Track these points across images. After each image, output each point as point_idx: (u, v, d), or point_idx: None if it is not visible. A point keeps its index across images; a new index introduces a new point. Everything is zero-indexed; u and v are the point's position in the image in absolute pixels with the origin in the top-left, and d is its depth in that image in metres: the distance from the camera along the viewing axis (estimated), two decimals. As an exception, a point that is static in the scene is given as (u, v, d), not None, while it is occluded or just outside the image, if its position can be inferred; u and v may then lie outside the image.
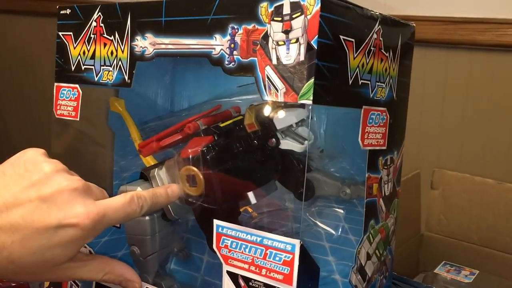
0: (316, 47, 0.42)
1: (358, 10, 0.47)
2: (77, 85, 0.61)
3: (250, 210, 0.59)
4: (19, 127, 2.34)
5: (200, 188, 0.52)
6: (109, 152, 0.69)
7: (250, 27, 0.46)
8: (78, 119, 0.61)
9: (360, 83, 0.47)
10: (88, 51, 0.60)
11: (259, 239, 0.46)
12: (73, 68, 0.61)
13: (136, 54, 0.55)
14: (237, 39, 0.47)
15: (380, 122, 0.51)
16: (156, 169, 0.60)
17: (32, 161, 0.46)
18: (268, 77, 0.45)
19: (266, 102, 0.54)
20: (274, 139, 0.52)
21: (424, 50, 1.41)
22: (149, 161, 0.63)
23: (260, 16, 0.45)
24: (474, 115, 1.38)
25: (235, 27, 0.47)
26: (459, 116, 1.40)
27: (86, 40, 0.60)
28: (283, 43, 0.44)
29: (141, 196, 0.49)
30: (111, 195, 0.63)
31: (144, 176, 0.63)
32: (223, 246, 0.48)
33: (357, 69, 0.47)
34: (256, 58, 0.45)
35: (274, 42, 0.44)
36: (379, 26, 0.49)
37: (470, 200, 1.06)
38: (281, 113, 0.52)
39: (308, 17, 0.42)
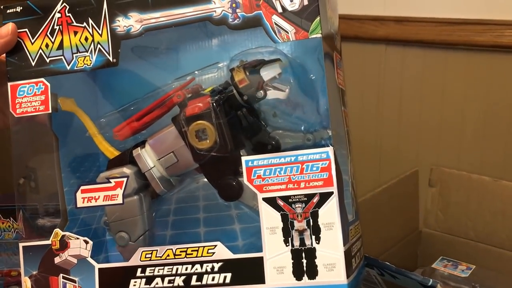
0: (316, -8, 0.53)
1: None
2: (41, 79, 0.61)
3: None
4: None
5: (211, 139, 0.57)
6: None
7: (249, -14, 0.55)
8: (50, 111, 0.60)
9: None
10: (53, 42, 0.60)
11: (293, 158, 0.53)
12: (33, 63, 0.61)
13: (120, 34, 0.58)
14: (237, -1, 0.55)
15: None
16: (139, 148, 0.62)
17: None
18: (276, 24, 0.54)
19: (249, 61, 0.62)
20: (262, 91, 0.61)
21: (423, 51, 1.47)
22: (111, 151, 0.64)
23: (259, -27, 0.54)
24: (472, 114, 1.41)
25: (234, -11, 0.55)
26: (458, 115, 1.43)
27: (48, 33, 0.61)
28: (285, -6, 0.54)
29: None
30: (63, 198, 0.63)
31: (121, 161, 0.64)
32: (255, 177, 0.54)
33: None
34: (261, 11, 0.54)
35: (276, -5, 0.54)
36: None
37: (467, 197, 1.08)
38: (266, 67, 0.61)
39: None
